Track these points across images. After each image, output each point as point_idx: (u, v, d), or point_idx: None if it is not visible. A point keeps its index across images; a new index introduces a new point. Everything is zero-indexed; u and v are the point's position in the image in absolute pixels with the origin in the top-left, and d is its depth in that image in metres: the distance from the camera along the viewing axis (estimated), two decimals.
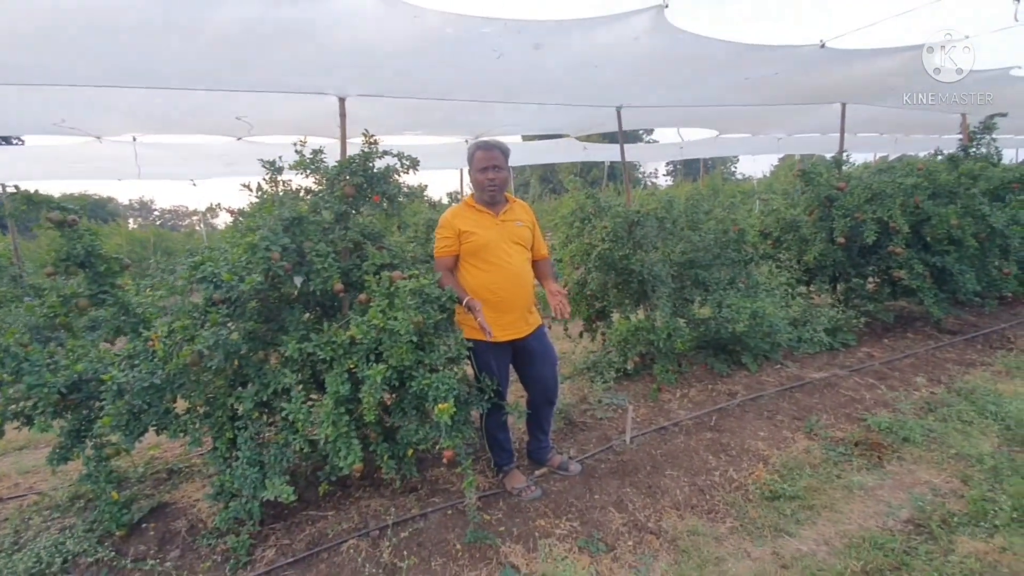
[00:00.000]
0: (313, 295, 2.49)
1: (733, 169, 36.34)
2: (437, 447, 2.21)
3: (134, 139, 5.04)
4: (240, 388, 2.57)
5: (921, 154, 6.12)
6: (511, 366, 2.69)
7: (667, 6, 2.52)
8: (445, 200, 10.26)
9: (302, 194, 2.82)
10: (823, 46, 3.51)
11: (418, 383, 2.10)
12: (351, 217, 2.66)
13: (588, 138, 10.85)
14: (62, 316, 2.82)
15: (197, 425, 2.53)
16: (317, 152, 2.84)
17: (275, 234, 2.28)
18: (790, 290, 4.80)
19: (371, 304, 2.22)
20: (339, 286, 2.39)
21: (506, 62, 3.08)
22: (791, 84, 4.69)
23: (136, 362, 2.42)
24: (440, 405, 2.00)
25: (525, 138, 13.80)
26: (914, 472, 2.74)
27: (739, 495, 2.63)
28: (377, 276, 2.32)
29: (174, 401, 2.54)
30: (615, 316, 4.35)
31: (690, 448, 3.07)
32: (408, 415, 2.31)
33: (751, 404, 3.57)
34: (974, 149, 5.31)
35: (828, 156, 5.31)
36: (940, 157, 5.37)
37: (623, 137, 4.97)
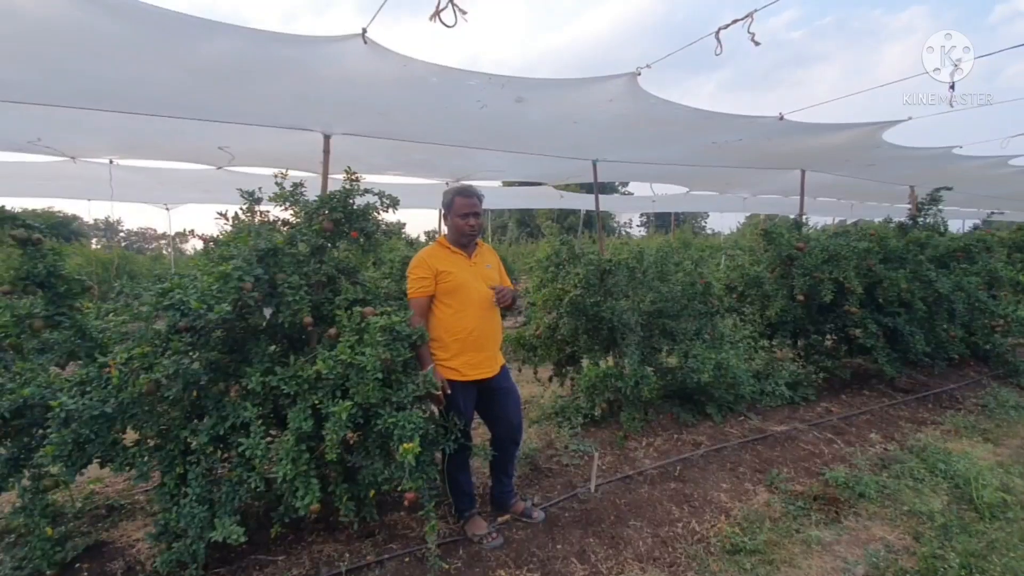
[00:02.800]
0: (281, 327, 2.46)
1: (703, 224, 37.75)
2: (399, 489, 2.16)
3: (111, 161, 4.98)
4: (196, 420, 2.48)
5: (876, 219, 6.53)
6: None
7: (639, 74, 2.71)
8: (423, 238, 10.34)
9: (279, 226, 2.83)
10: (782, 118, 3.80)
11: (384, 421, 2.08)
12: (327, 251, 2.67)
13: (566, 187, 11.20)
14: (12, 337, 2.70)
15: (146, 458, 2.41)
16: (297, 185, 2.88)
17: (249, 264, 2.27)
18: (753, 343, 4.95)
19: (340, 339, 2.21)
20: (308, 319, 2.37)
21: (489, 112, 3.23)
22: (754, 150, 5.01)
23: (88, 388, 2.33)
24: (405, 444, 1.98)
25: (505, 183, 14.15)
26: (869, 528, 2.80)
27: (701, 548, 2.62)
28: (348, 311, 2.32)
29: (123, 432, 2.43)
30: (584, 362, 4.40)
31: (654, 498, 3.07)
32: (372, 454, 2.26)
33: (715, 455, 3.61)
34: (922, 219, 5.70)
35: (791, 216, 5.62)
36: (891, 224, 5.74)
37: (598, 188, 5.17)
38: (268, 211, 2.92)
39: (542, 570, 2.44)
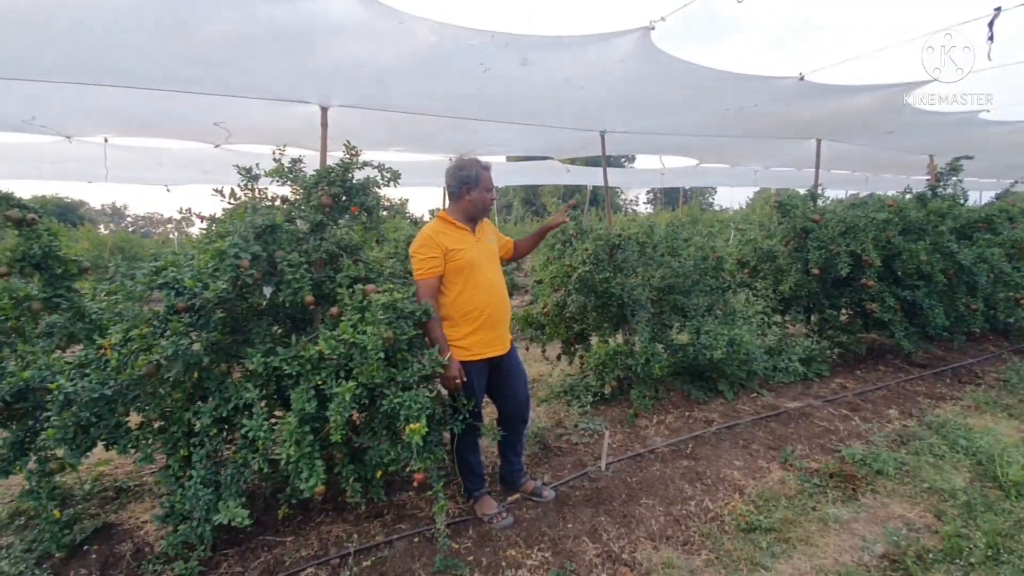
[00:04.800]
0: (283, 307, 2.39)
1: (711, 200, 37.23)
2: (407, 469, 2.11)
3: (105, 140, 4.88)
4: (199, 403, 2.44)
5: (890, 192, 6.32)
6: None
7: (654, 28, 2.55)
8: (427, 217, 10.23)
9: (278, 203, 2.74)
10: (802, 79, 3.61)
11: (389, 401, 2.01)
12: (327, 228, 2.58)
13: (572, 161, 10.99)
14: (13, 320, 2.65)
15: (150, 441, 2.39)
16: (296, 161, 2.78)
17: (246, 241, 2.19)
18: (766, 319, 4.84)
19: (342, 318, 2.13)
20: (310, 298, 2.29)
21: (492, 77, 3.08)
22: (769, 117, 4.81)
23: (87, 371, 2.28)
24: (412, 425, 1.92)
25: (510, 158, 13.93)
26: (888, 506, 2.73)
27: (715, 526, 2.57)
28: (350, 289, 2.23)
29: (126, 414, 2.39)
30: (594, 340, 4.32)
31: (666, 476, 3.02)
32: (378, 435, 2.21)
33: (727, 432, 3.54)
34: (941, 189, 5.51)
35: (803, 190, 5.44)
36: (909, 196, 5.55)
37: (606, 162, 5.02)
38: (266, 188, 2.83)
39: (553, 549, 2.40)
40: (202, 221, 2.89)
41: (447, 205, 2.58)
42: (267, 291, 2.26)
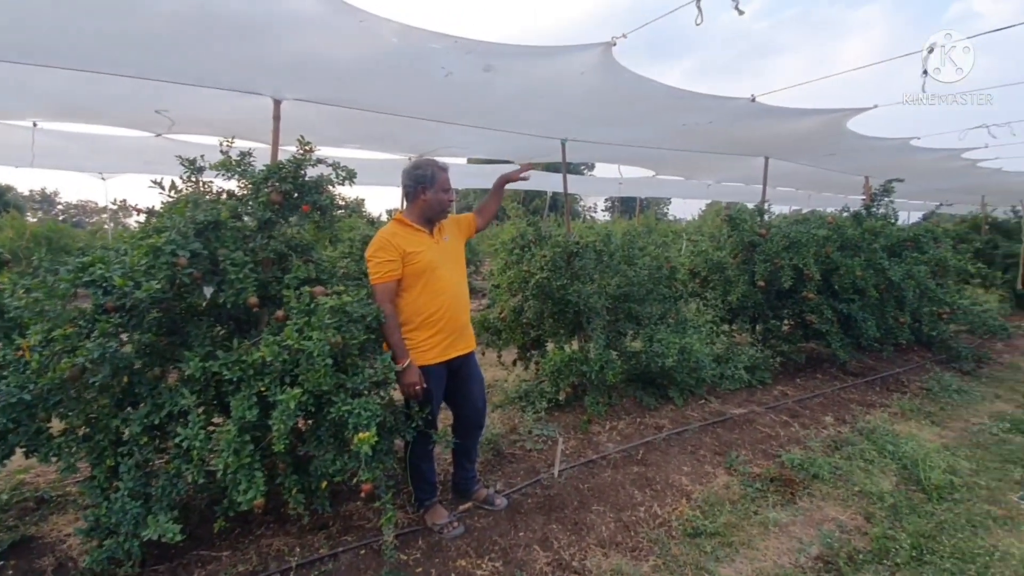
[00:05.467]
0: (225, 308, 2.26)
1: (666, 210, 38.40)
2: (355, 479, 2.03)
3: (34, 124, 4.51)
4: (129, 409, 2.28)
5: (830, 209, 6.72)
6: None
7: (615, 44, 2.59)
8: (384, 217, 10.02)
9: (224, 198, 2.60)
10: (754, 100, 3.77)
11: (338, 409, 1.93)
12: (277, 226, 2.47)
13: (533, 167, 11.01)
14: None
15: (73, 449, 2.21)
16: (245, 155, 2.65)
17: (185, 238, 2.06)
18: (715, 328, 5.01)
19: (288, 322, 2.04)
20: (254, 299, 2.18)
21: (454, 82, 3.04)
22: (722, 134, 5.00)
23: (4, 373, 2.09)
24: (361, 434, 1.85)
25: (471, 161, 13.87)
26: (823, 509, 2.86)
27: (663, 532, 2.62)
28: (298, 291, 2.14)
29: (48, 420, 2.21)
30: (549, 346, 4.34)
31: (617, 482, 3.05)
32: (324, 444, 2.12)
33: (676, 438, 3.63)
34: (875, 209, 5.87)
35: (751, 205, 5.68)
36: (847, 214, 5.89)
37: (566, 168, 5.06)
38: (211, 182, 2.68)
39: (504, 559, 2.38)
40: (138, 214, 2.72)
41: (404, 207, 2.53)
42: (207, 291, 2.14)
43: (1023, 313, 8.23)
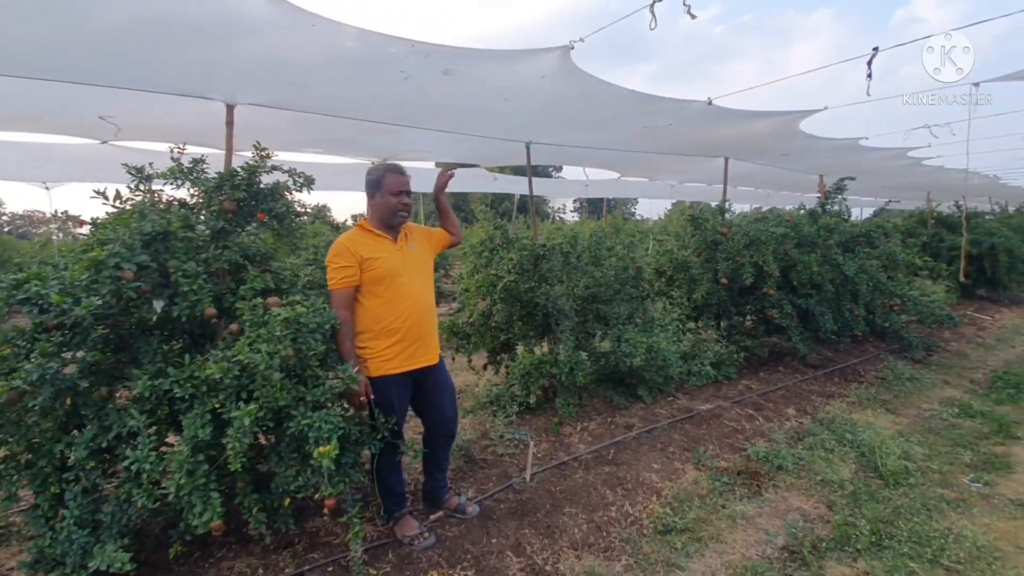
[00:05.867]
0: (180, 322, 2.17)
1: (633, 210, 39.03)
2: (317, 496, 1.97)
3: None
4: (75, 432, 2.16)
5: (788, 207, 6.96)
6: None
7: (573, 48, 2.61)
8: (350, 222, 9.84)
9: (175, 207, 2.49)
10: (710, 103, 3.86)
11: (296, 424, 1.87)
12: (231, 236, 2.38)
13: (502, 170, 11.04)
14: None
15: (14, 477, 2.08)
16: (198, 161, 2.55)
17: (130, 250, 1.96)
18: (681, 326, 5.09)
19: (242, 335, 1.97)
20: (211, 311, 2.10)
21: (415, 85, 3.01)
22: (682, 136, 5.10)
23: None
24: (321, 448, 1.79)
25: (439, 164, 13.76)
26: (787, 499, 2.93)
27: (634, 530, 2.64)
28: (251, 303, 2.06)
29: None
30: (519, 349, 4.33)
31: (589, 483, 3.06)
32: (285, 460, 2.04)
33: (646, 436, 3.67)
34: (830, 206, 6.09)
35: (713, 204, 5.82)
36: (803, 211, 6.09)
37: (531, 171, 5.08)
38: (161, 191, 2.57)
39: (476, 567, 2.35)
40: (82, 226, 2.58)
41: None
42: (158, 305, 2.04)
43: (968, 302, 8.69)
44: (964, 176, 6.91)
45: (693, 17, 2.15)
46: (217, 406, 1.89)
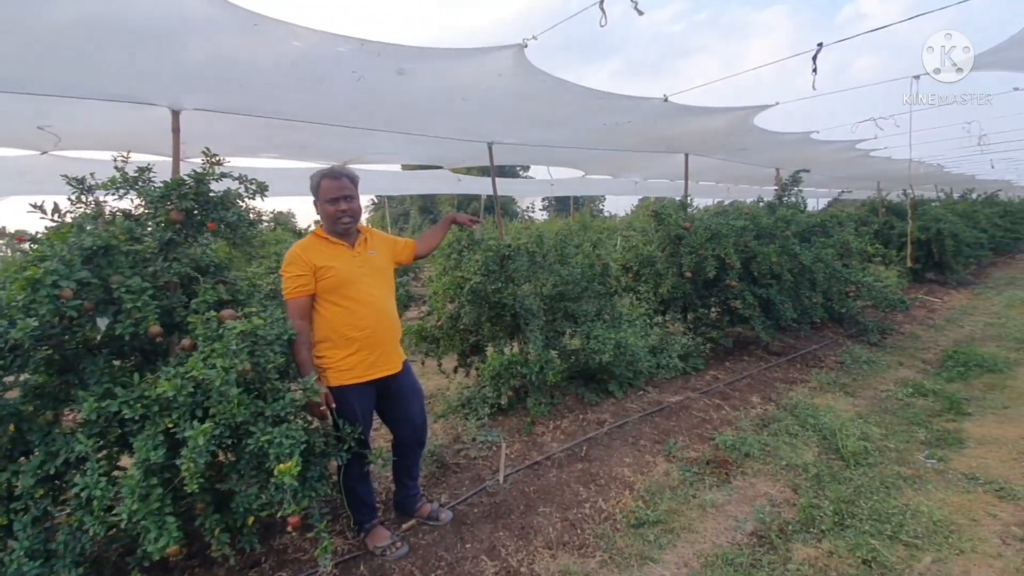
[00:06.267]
0: (124, 339, 2.07)
1: (601, 207, 39.46)
2: (279, 515, 1.91)
3: None
4: (22, 459, 2.05)
5: (748, 200, 7.17)
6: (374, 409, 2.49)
7: (527, 46, 2.61)
8: (313, 228, 9.63)
9: (119, 218, 2.38)
10: (666, 100, 3.93)
11: (256, 440, 1.81)
12: (180, 247, 2.28)
13: (468, 171, 10.99)
14: None
15: None
16: (144, 170, 2.45)
17: (69, 266, 1.86)
18: (649, 320, 5.17)
19: (195, 351, 1.89)
20: (156, 328, 2.01)
21: (369, 86, 2.95)
22: (642, 133, 5.18)
23: None
24: (282, 465, 1.73)
25: (405, 167, 13.63)
26: (755, 485, 3.01)
27: (608, 526, 2.65)
28: (205, 316, 1.98)
29: None
30: (489, 350, 4.31)
31: (562, 481, 3.07)
32: (246, 478, 1.98)
33: (618, 431, 3.71)
34: (786, 198, 6.29)
35: (677, 199, 5.93)
36: (762, 204, 6.27)
37: (495, 172, 5.07)
38: (105, 202, 2.45)
39: (451, 573, 2.33)
40: (21, 243, 2.45)
41: None
42: (102, 324, 1.94)
43: (919, 286, 9.10)
44: (908, 166, 7.23)
45: (640, 13, 2.17)
46: (170, 426, 1.81)
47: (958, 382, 4.54)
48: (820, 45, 3.16)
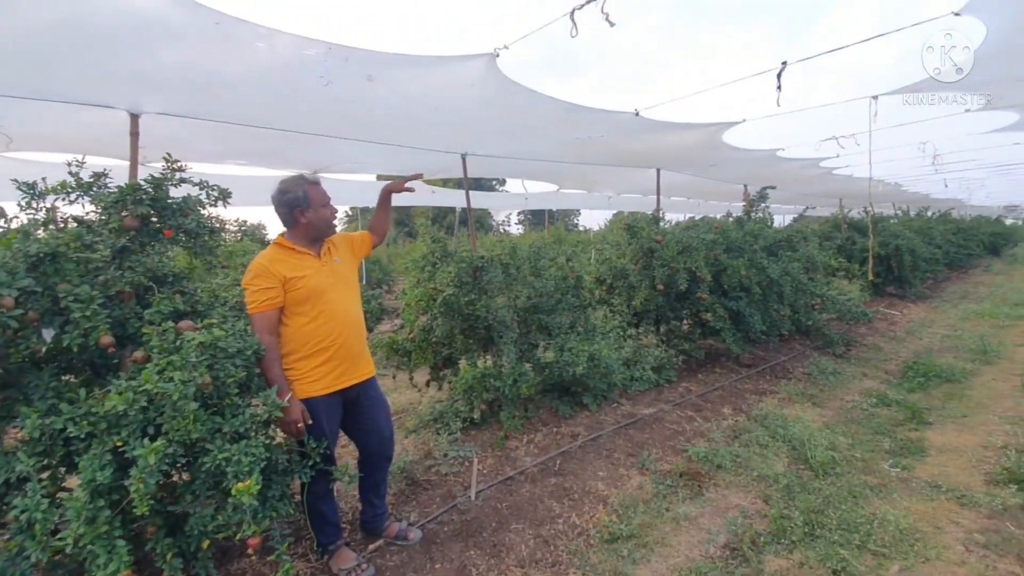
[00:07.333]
0: (73, 352, 1.95)
1: (576, 221, 39.86)
2: (237, 537, 1.81)
3: None
4: None
5: (717, 215, 7.34)
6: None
7: (498, 55, 2.60)
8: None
9: (70, 224, 2.26)
10: (637, 114, 3.98)
11: (213, 458, 1.71)
12: (135, 255, 2.17)
13: (444, 183, 10.96)
14: None
15: None
16: (99, 175, 2.34)
17: (11, 274, 1.74)
18: (622, 332, 5.19)
19: (149, 363, 1.79)
20: (108, 339, 1.90)
21: (339, 93, 2.90)
22: (614, 148, 5.24)
23: None
24: (240, 484, 1.64)
25: (380, 177, 13.51)
26: (727, 497, 3.01)
27: (581, 541, 2.61)
28: (161, 327, 1.89)
29: None
30: (462, 363, 4.25)
31: (535, 496, 3.02)
32: (201, 498, 1.87)
33: (591, 444, 3.68)
34: (754, 213, 6.45)
35: (650, 213, 6.01)
36: (731, 219, 6.41)
37: (468, 183, 5.05)
38: (58, 208, 2.33)
39: None
40: None
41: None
42: (47, 335, 1.83)
43: (880, 299, 9.42)
44: (869, 184, 7.51)
45: (612, 24, 2.20)
46: (119, 444, 1.70)
47: (919, 392, 4.69)
48: (784, 64, 3.25)
